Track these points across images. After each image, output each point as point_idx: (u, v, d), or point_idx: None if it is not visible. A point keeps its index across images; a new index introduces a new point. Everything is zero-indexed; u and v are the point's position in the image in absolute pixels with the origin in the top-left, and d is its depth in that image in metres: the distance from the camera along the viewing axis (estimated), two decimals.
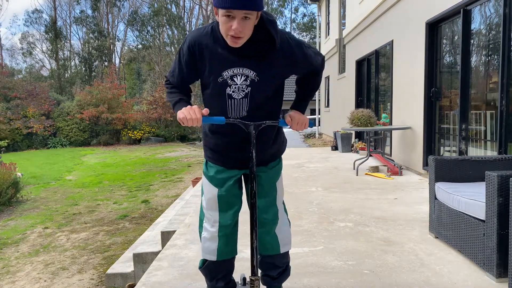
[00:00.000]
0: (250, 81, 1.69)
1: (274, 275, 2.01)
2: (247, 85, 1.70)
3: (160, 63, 34.77)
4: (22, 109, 20.70)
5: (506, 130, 4.01)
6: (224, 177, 1.86)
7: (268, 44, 1.64)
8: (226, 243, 1.90)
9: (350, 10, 10.54)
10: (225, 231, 1.88)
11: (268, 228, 1.92)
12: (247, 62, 1.66)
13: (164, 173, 11.35)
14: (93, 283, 4.14)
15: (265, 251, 1.96)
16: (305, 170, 6.79)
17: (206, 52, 1.67)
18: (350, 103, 10.41)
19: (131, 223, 6.36)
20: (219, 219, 1.87)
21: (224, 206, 1.86)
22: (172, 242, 3.26)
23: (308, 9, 43.23)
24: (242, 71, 1.67)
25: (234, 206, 1.89)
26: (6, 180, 7.78)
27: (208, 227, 1.90)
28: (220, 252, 1.89)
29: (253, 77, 1.69)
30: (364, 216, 3.85)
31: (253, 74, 1.68)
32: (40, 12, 35.98)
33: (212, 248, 1.89)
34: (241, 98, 1.72)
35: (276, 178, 1.95)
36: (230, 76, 1.68)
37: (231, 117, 1.76)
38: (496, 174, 2.27)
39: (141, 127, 22.49)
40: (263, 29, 1.61)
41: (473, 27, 4.73)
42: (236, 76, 1.68)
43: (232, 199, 1.88)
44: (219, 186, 1.86)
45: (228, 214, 1.87)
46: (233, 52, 1.64)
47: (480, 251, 2.45)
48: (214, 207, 1.87)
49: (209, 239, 1.90)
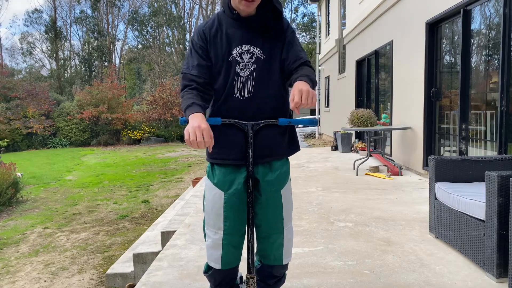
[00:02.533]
0: (256, 58, 1.74)
1: (270, 283, 1.96)
2: (252, 62, 1.73)
3: (160, 63, 34.77)
4: (22, 109, 20.71)
5: (506, 130, 4.01)
6: (231, 180, 1.77)
7: (273, 22, 1.74)
8: (232, 251, 1.80)
9: (350, 10, 10.54)
10: (230, 240, 1.78)
11: (272, 240, 1.85)
12: (254, 40, 1.74)
13: (164, 173, 11.35)
14: (93, 283, 4.14)
15: (268, 261, 1.89)
16: (305, 170, 6.79)
17: (216, 35, 1.75)
18: (350, 103, 10.41)
19: (131, 223, 6.36)
20: (223, 226, 1.77)
21: (229, 212, 1.76)
22: (172, 242, 3.26)
23: (308, 9, 43.26)
24: (249, 49, 1.73)
25: (239, 210, 1.77)
26: (6, 180, 7.78)
27: (211, 234, 1.81)
28: (224, 261, 1.80)
29: (258, 54, 1.74)
30: (364, 216, 3.85)
31: (259, 51, 1.74)
32: (40, 12, 35.96)
33: (216, 257, 1.81)
34: (247, 76, 1.74)
35: (280, 184, 1.82)
36: (239, 54, 1.73)
37: (237, 97, 1.75)
38: (496, 174, 2.27)
39: (141, 127, 22.50)
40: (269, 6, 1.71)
41: (473, 27, 4.73)
42: (244, 53, 1.73)
43: (239, 203, 1.77)
44: (225, 190, 1.76)
45: (233, 220, 1.77)
46: (240, 30, 1.73)
47: (480, 251, 2.45)
48: (218, 212, 1.77)
49: (212, 246, 1.81)
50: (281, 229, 1.84)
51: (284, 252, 1.88)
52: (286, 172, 1.86)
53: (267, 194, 1.79)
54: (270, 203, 1.80)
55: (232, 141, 1.77)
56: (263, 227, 1.83)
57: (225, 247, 1.79)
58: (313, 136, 17.33)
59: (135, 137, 22.11)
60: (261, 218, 1.82)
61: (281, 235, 1.85)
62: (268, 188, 1.79)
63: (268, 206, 1.81)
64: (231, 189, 1.76)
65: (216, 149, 1.79)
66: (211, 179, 1.82)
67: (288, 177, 1.88)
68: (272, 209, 1.81)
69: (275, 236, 1.84)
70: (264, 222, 1.82)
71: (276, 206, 1.82)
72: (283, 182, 1.84)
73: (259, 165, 1.80)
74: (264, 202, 1.80)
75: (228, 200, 1.76)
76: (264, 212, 1.81)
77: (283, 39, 1.78)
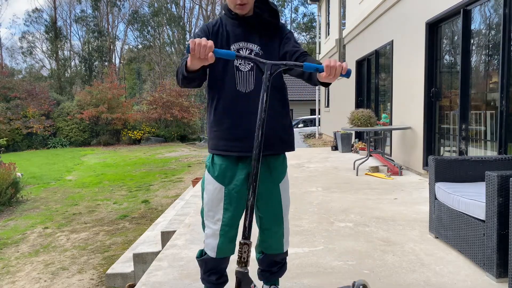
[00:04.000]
0: (255, 54, 1.84)
1: (274, 270, 2.08)
2: None
3: (160, 63, 34.80)
4: (22, 109, 20.70)
5: (506, 130, 4.01)
6: (232, 175, 1.85)
7: (270, 20, 1.86)
8: (227, 242, 1.90)
9: (350, 10, 10.54)
10: (227, 230, 1.88)
11: (273, 232, 1.96)
12: (252, 37, 1.85)
13: (164, 173, 11.35)
14: (93, 283, 4.14)
15: (270, 250, 2.01)
16: (305, 170, 6.79)
17: (217, 31, 1.87)
18: (350, 103, 10.41)
19: (131, 223, 6.36)
20: (222, 218, 1.87)
21: (228, 205, 1.86)
22: (172, 242, 3.26)
23: (308, 9, 43.28)
24: (247, 45, 1.85)
25: (238, 205, 1.86)
26: (6, 180, 7.78)
27: (211, 225, 1.90)
28: (219, 250, 1.90)
29: (257, 51, 1.85)
30: (364, 216, 3.85)
31: (257, 48, 1.85)
32: (40, 12, 35.94)
33: (213, 245, 1.90)
34: (248, 70, 1.83)
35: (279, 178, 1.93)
36: (237, 49, 1.84)
37: (240, 90, 1.82)
38: (496, 174, 2.27)
39: (141, 127, 22.50)
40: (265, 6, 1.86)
41: (473, 27, 4.73)
42: (242, 50, 1.85)
43: (238, 198, 1.85)
44: (225, 183, 1.85)
45: (232, 213, 1.86)
46: (239, 29, 1.85)
47: (480, 251, 2.45)
48: (218, 205, 1.86)
49: (211, 235, 1.90)
50: (281, 221, 1.96)
51: (284, 241, 2.01)
52: (284, 167, 1.97)
53: (267, 188, 1.89)
54: (269, 197, 1.91)
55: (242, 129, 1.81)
56: (264, 219, 1.95)
57: (222, 238, 1.89)
58: (313, 136, 17.33)
59: (135, 137, 22.11)
60: (262, 211, 1.93)
61: (282, 226, 1.97)
62: (267, 182, 1.89)
63: (268, 200, 1.91)
64: (231, 184, 1.85)
65: (223, 141, 1.85)
66: (211, 173, 1.89)
67: (286, 171, 1.99)
68: (272, 203, 1.92)
69: (275, 228, 1.96)
70: (265, 215, 1.93)
71: (276, 200, 1.92)
72: (281, 176, 1.94)
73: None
74: (263, 196, 1.89)
75: (228, 194, 1.86)
76: (265, 205, 1.92)
77: (280, 35, 1.89)
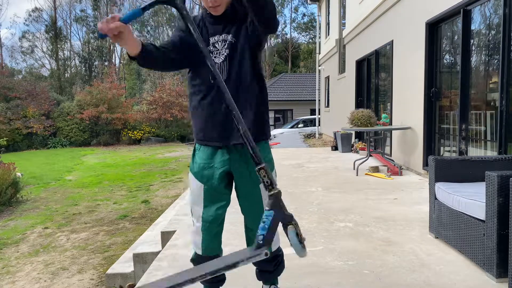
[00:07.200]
0: (228, 43, 1.87)
1: (270, 269, 2.08)
2: (225, 48, 1.88)
3: None
4: (22, 109, 20.68)
5: (506, 130, 4.01)
6: (209, 174, 1.90)
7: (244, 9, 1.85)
8: (210, 239, 1.97)
9: (350, 10, 10.54)
10: (208, 227, 1.94)
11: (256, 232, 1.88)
12: (226, 27, 1.89)
13: (164, 173, 11.35)
14: (93, 283, 4.14)
15: None
16: (305, 170, 6.79)
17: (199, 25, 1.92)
18: (350, 103, 10.41)
19: (131, 223, 6.36)
20: (202, 214, 1.94)
21: (208, 202, 1.92)
22: (172, 242, 3.26)
23: (308, 9, 43.24)
24: (223, 37, 1.89)
25: (218, 202, 1.93)
26: (6, 180, 7.78)
27: (195, 221, 1.99)
28: (204, 247, 1.98)
29: (230, 40, 1.88)
30: (364, 216, 3.85)
31: (231, 36, 1.88)
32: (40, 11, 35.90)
33: (198, 242, 1.99)
34: (222, 61, 1.87)
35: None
36: (213, 44, 1.89)
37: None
38: (496, 174, 2.27)
39: (141, 127, 22.49)
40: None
41: (473, 27, 4.73)
42: (218, 43, 1.89)
43: (217, 195, 1.92)
44: (203, 181, 1.91)
45: (212, 210, 1.92)
46: (216, 22, 1.89)
47: (480, 251, 2.45)
48: (199, 202, 1.94)
49: (195, 232, 1.99)
50: None
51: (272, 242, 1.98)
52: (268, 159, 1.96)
53: (246, 188, 1.92)
54: (250, 197, 1.93)
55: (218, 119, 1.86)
56: (248, 219, 1.99)
57: (204, 233, 1.95)
58: (313, 136, 17.32)
59: (135, 137, 22.10)
60: (244, 211, 1.99)
61: None
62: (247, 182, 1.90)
63: (249, 200, 1.93)
64: (209, 182, 1.91)
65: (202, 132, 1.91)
66: (191, 169, 1.96)
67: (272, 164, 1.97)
68: (253, 203, 1.93)
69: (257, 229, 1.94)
70: (247, 214, 1.98)
71: (257, 200, 1.92)
72: None
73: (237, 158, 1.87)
74: (244, 196, 1.94)
75: (206, 191, 1.92)
76: (247, 206, 1.96)
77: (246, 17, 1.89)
